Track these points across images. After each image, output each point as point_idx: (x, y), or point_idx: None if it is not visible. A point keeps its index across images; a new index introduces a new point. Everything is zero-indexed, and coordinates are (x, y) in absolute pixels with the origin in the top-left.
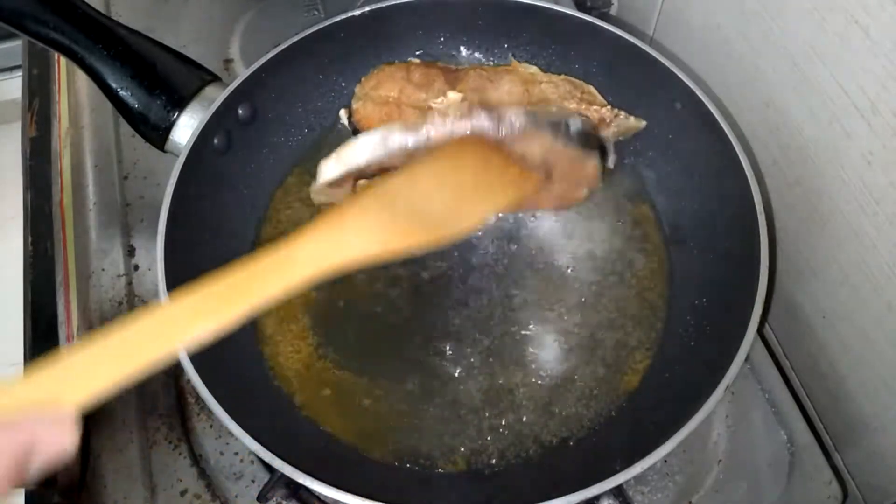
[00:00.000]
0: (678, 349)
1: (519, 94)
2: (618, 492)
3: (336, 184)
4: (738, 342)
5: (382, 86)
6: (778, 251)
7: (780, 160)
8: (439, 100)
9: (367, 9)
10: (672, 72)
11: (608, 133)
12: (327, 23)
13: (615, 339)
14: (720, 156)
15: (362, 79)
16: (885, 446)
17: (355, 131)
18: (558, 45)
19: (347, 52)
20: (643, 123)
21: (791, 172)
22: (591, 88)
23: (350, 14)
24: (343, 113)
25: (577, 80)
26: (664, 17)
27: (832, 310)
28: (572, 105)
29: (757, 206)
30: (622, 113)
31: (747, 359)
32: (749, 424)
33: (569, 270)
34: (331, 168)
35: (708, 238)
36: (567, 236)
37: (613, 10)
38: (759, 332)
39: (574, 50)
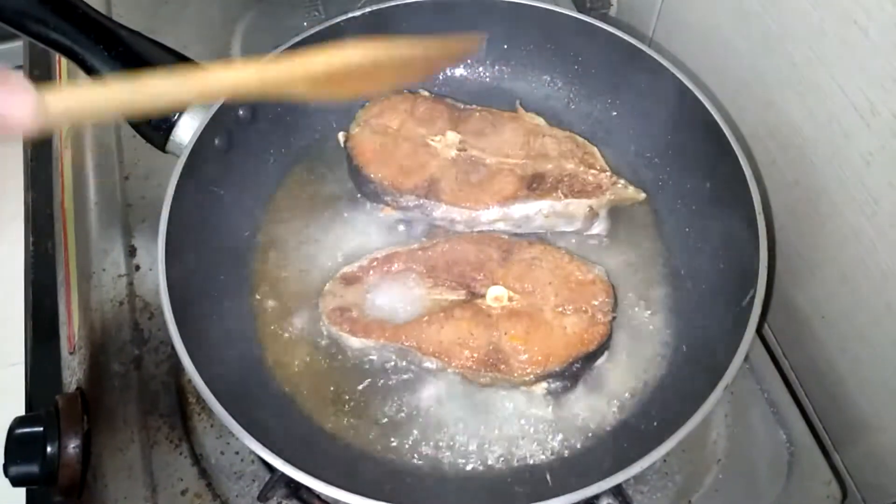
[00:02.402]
0: (678, 349)
1: (518, 145)
2: (617, 491)
3: (350, 280)
4: (737, 342)
5: (384, 115)
6: (777, 251)
7: (780, 160)
8: (437, 138)
9: (368, 9)
10: (671, 72)
11: (603, 199)
12: (328, 23)
13: (615, 339)
14: (719, 156)
15: (366, 104)
16: (885, 446)
17: (348, 157)
18: (557, 45)
19: None
20: (642, 196)
21: (790, 172)
22: (594, 150)
23: (350, 15)
24: (341, 136)
25: (580, 139)
26: (663, 17)
27: (831, 310)
28: (570, 165)
29: (756, 206)
30: (621, 181)
31: (746, 359)
32: (748, 424)
33: None
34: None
35: (707, 238)
36: (567, 238)
37: (613, 11)
38: (759, 332)
39: (573, 50)
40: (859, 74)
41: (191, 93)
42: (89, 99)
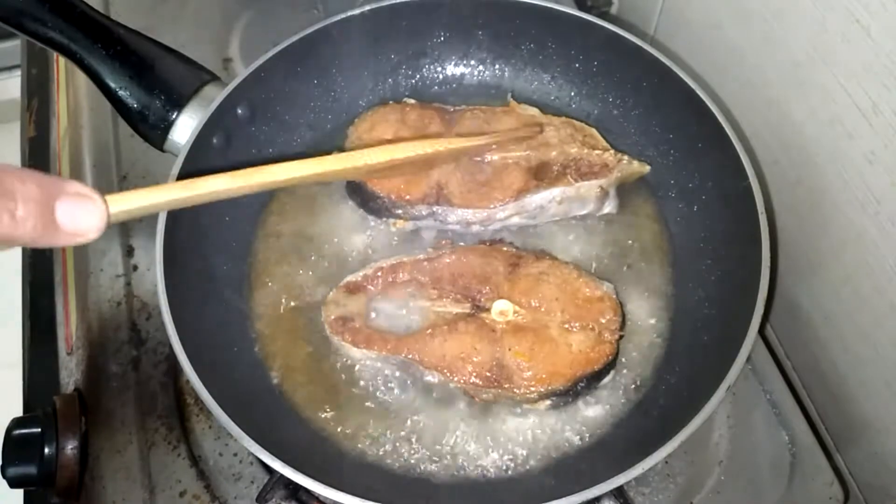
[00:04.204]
0: (680, 350)
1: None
2: (619, 493)
3: (353, 289)
4: (739, 342)
5: (376, 128)
6: (779, 251)
7: (782, 160)
8: None
9: (367, 8)
10: (673, 71)
11: (611, 177)
12: (327, 22)
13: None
14: (722, 155)
15: (356, 121)
16: (887, 447)
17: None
18: (558, 43)
19: (347, 51)
20: (647, 168)
21: (792, 172)
22: (593, 131)
23: (350, 13)
24: None
25: (578, 123)
26: (665, 16)
27: (834, 310)
28: (574, 149)
29: (758, 206)
30: (625, 157)
31: (749, 359)
32: (750, 425)
33: None
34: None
35: (710, 238)
36: (570, 239)
37: (614, 10)
38: (761, 332)
39: (574, 48)
40: (861, 73)
41: (249, 187)
42: (148, 201)
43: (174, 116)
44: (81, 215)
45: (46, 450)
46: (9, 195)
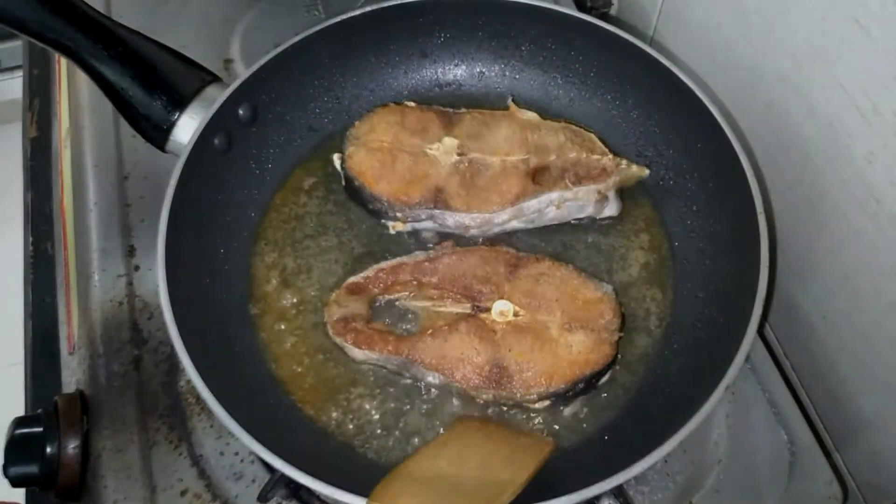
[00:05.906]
0: (679, 349)
1: (517, 141)
2: (618, 492)
3: (355, 290)
4: (738, 342)
5: (376, 130)
6: (778, 251)
7: (781, 160)
8: (435, 145)
9: (368, 9)
10: (672, 72)
11: (610, 182)
12: (327, 23)
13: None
14: (721, 156)
15: (355, 123)
16: (886, 446)
17: (347, 179)
18: (558, 45)
19: (348, 52)
20: (646, 172)
21: (792, 172)
22: (592, 136)
23: (350, 14)
24: (336, 158)
25: (576, 127)
26: (664, 17)
27: (833, 310)
28: (573, 153)
29: (757, 206)
30: (623, 161)
31: (748, 359)
32: (749, 424)
33: None
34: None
35: (709, 238)
36: (570, 241)
37: (614, 11)
38: (760, 332)
39: (574, 50)
40: (861, 73)
41: None
42: None
43: (176, 117)
44: None
45: (48, 449)
46: None
